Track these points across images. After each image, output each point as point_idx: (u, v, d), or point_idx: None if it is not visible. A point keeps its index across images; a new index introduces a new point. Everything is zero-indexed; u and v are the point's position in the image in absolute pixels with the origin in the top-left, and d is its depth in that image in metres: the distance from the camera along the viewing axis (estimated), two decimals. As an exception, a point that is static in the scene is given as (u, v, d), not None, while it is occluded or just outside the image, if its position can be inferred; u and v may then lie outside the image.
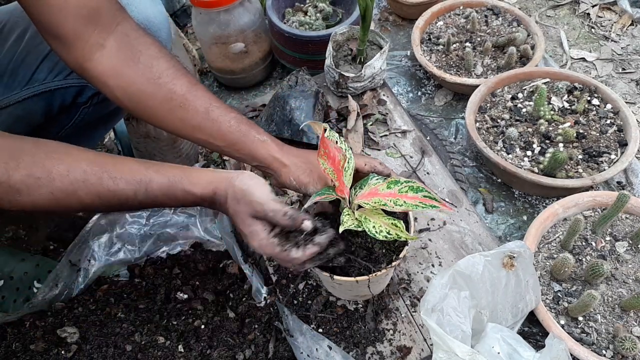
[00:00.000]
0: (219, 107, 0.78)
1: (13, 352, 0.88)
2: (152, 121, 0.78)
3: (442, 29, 1.47)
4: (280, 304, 0.91)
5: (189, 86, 0.76)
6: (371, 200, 0.73)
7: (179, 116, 0.76)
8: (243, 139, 0.78)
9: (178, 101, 0.75)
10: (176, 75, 0.76)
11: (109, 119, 1.07)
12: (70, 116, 0.95)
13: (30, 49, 0.85)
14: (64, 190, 0.62)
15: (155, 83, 0.74)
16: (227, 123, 0.77)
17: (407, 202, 0.71)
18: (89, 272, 0.97)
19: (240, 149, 0.79)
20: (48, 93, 0.87)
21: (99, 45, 0.72)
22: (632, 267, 0.96)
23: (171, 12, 1.67)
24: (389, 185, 0.74)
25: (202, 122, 0.76)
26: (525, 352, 0.75)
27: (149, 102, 0.75)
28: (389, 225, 0.71)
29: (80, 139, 1.06)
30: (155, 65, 0.74)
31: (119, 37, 0.73)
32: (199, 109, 0.76)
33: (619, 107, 1.17)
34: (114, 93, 0.74)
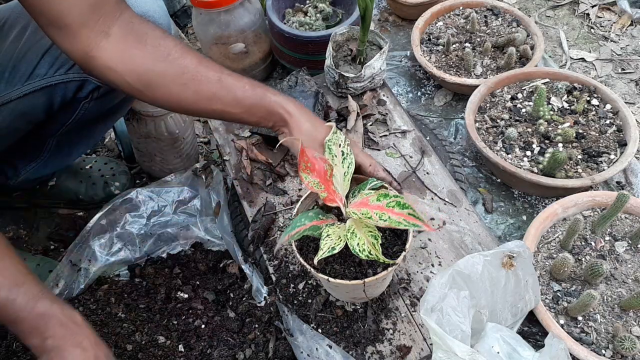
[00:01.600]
0: (231, 74, 0.79)
1: (13, 351, 0.89)
2: (165, 100, 0.78)
3: (441, 30, 1.48)
4: (280, 304, 0.91)
5: (199, 59, 0.77)
6: (359, 211, 0.72)
7: (193, 89, 0.76)
8: (260, 102, 0.80)
9: (190, 74, 0.75)
10: (184, 51, 0.76)
11: (109, 116, 1.07)
12: (71, 112, 0.95)
13: (31, 44, 0.86)
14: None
15: (165, 60, 0.75)
16: (242, 89, 0.78)
17: (391, 217, 0.70)
18: (89, 272, 0.97)
19: (258, 112, 0.80)
20: (49, 88, 0.88)
21: (104, 33, 0.72)
22: (632, 267, 0.96)
23: (171, 12, 1.68)
24: (378, 198, 0.73)
25: (217, 91, 0.77)
26: (525, 351, 0.75)
27: (161, 80, 0.75)
28: (370, 245, 0.70)
29: (81, 136, 1.06)
30: (162, 45, 0.75)
31: (123, 24, 0.74)
32: (212, 78, 0.77)
33: (618, 107, 1.17)
34: (124, 78, 0.74)
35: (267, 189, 1.10)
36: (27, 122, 0.92)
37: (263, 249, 1.00)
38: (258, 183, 1.10)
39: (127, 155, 1.33)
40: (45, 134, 1.01)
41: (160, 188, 1.06)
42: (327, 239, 0.71)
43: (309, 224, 0.73)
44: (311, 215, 0.75)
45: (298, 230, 0.72)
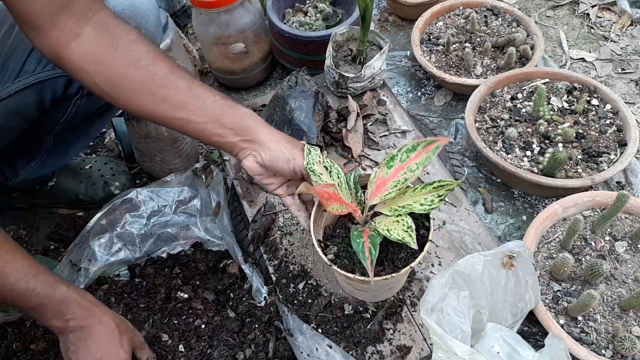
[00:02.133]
0: (202, 85, 0.77)
1: (14, 351, 0.89)
2: (132, 105, 0.76)
3: (441, 30, 1.48)
4: (280, 304, 0.91)
5: (170, 67, 0.75)
6: (387, 192, 0.72)
7: (160, 96, 0.74)
8: (230, 111, 0.77)
9: (159, 82, 0.74)
10: (156, 58, 0.75)
11: (104, 114, 1.07)
12: (64, 110, 0.95)
13: (19, 41, 0.86)
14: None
15: (135, 65, 0.73)
16: (212, 98, 0.76)
17: (417, 162, 0.71)
18: (89, 271, 0.97)
19: (226, 121, 0.76)
20: (38, 84, 0.88)
21: (75, 34, 0.71)
22: (632, 266, 0.96)
23: (171, 12, 1.67)
24: (388, 166, 0.73)
25: (185, 99, 0.75)
26: (525, 351, 0.75)
27: (130, 85, 0.74)
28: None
29: (78, 134, 1.06)
30: (134, 49, 0.74)
31: (96, 25, 0.73)
32: (181, 86, 0.75)
33: (618, 107, 1.17)
34: (93, 80, 0.74)
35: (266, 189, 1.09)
36: (21, 120, 0.92)
37: (263, 249, 1.01)
38: (258, 183, 1.10)
39: (127, 155, 1.33)
40: (41, 133, 1.01)
41: (160, 188, 1.06)
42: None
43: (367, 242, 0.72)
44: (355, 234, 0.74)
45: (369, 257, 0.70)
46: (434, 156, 0.72)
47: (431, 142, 0.72)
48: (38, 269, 0.72)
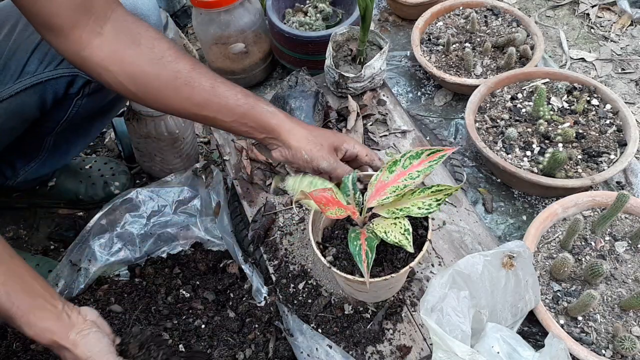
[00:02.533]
0: (224, 82, 0.78)
1: (14, 351, 0.89)
2: (158, 103, 0.77)
3: (441, 30, 1.48)
4: (280, 304, 0.91)
5: (193, 64, 0.76)
6: (385, 197, 0.72)
7: (185, 94, 0.75)
8: (252, 111, 0.78)
9: (183, 79, 0.75)
10: (178, 55, 0.76)
11: (104, 114, 1.07)
12: (65, 110, 0.95)
13: (20, 42, 0.85)
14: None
15: (158, 63, 0.74)
16: (234, 97, 0.77)
17: (419, 170, 0.71)
18: (89, 271, 0.97)
19: (249, 121, 0.79)
20: (40, 85, 0.87)
21: (96, 33, 0.71)
22: (632, 266, 0.96)
23: (171, 12, 1.67)
24: (390, 170, 0.73)
25: (209, 98, 0.76)
26: (525, 351, 0.75)
27: (154, 82, 0.74)
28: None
29: (77, 135, 1.06)
30: (156, 46, 0.74)
31: (116, 23, 0.73)
32: (205, 85, 0.76)
33: (618, 107, 1.17)
34: (117, 79, 0.74)
35: (267, 189, 1.10)
36: (22, 120, 0.92)
37: (263, 249, 1.01)
38: (258, 183, 1.10)
39: (127, 155, 1.33)
40: (42, 133, 1.01)
41: (160, 188, 1.06)
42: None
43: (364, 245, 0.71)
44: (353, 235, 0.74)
45: (365, 260, 0.69)
46: (437, 166, 0.72)
47: (436, 151, 0.72)
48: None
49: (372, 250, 0.69)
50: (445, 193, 0.71)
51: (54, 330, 0.65)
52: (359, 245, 0.69)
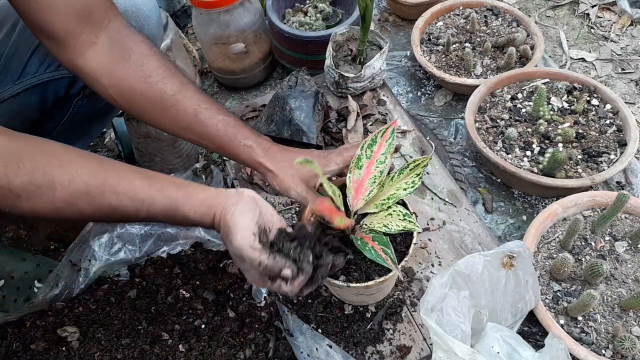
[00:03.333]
0: (208, 109, 0.78)
1: (14, 351, 0.88)
2: (145, 119, 0.79)
3: (441, 30, 1.48)
4: (280, 304, 0.91)
5: (179, 86, 0.76)
6: (367, 192, 0.73)
7: (170, 116, 0.77)
8: (229, 144, 0.80)
9: (169, 101, 0.76)
10: (166, 75, 0.76)
11: (104, 114, 1.07)
12: (65, 110, 0.95)
13: (20, 42, 0.85)
14: (65, 200, 0.61)
15: (146, 82, 0.75)
16: (215, 127, 0.78)
17: (383, 153, 0.74)
18: (89, 271, 0.97)
19: (227, 152, 0.81)
20: (41, 86, 0.88)
21: (90, 42, 0.72)
22: (632, 267, 0.96)
23: (171, 12, 1.67)
24: (358, 166, 0.75)
25: (192, 124, 0.77)
26: (525, 351, 0.75)
27: (141, 100, 0.75)
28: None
29: (78, 135, 1.06)
30: (145, 64, 0.75)
31: (111, 34, 0.73)
32: (188, 110, 0.77)
33: (618, 107, 1.17)
34: (107, 91, 0.75)
35: (267, 189, 1.10)
36: (22, 121, 0.92)
37: (263, 249, 1.00)
38: (258, 183, 1.10)
39: (127, 155, 1.33)
40: (42, 134, 1.00)
41: (160, 188, 1.05)
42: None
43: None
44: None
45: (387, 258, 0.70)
46: (395, 140, 0.75)
47: (386, 130, 0.75)
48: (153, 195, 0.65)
49: (387, 245, 0.70)
50: (422, 165, 0.73)
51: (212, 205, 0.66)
52: (372, 249, 0.69)
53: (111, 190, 0.63)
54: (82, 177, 0.62)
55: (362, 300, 0.89)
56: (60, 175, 0.61)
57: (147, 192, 0.65)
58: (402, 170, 0.75)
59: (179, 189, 0.66)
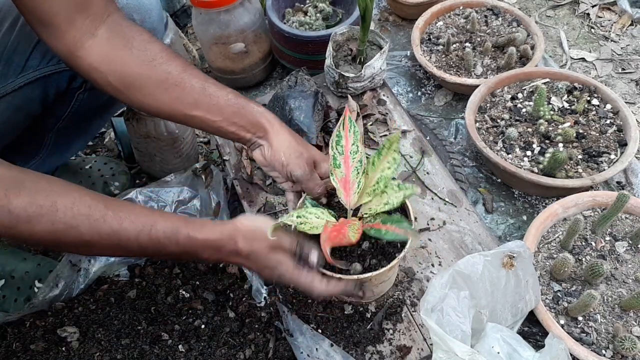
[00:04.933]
0: (215, 84, 0.79)
1: (13, 351, 0.88)
2: (145, 103, 0.78)
3: (442, 29, 1.48)
4: (280, 304, 0.91)
5: (184, 66, 0.77)
6: (356, 184, 0.74)
7: (175, 95, 0.76)
8: (242, 110, 0.79)
9: (173, 80, 0.76)
10: (170, 57, 0.77)
11: (105, 110, 1.07)
12: (66, 104, 0.95)
13: (22, 36, 0.86)
14: (66, 222, 0.61)
15: (149, 65, 0.75)
16: (225, 96, 0.78)
17: (352, 142, 0.75)
18: (89, 272, 0.97)
19: (239, 120, 0.79)
20: (43, 79, 0.88)
21: (90, 34, 0.72)
22: (632, 267, 0.96)
23: (171, 12, 1.67)
24: (336, 165, 0.75)
25: (199, 98, 0.77)
26: (525, 351, 0.75)
27: (144, 83, 0.75)
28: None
29: (78, 132, 1.06)
30: (149, 49, 0.75)
31: (111, 26, 0.74)
32: (195, 85, 0.77)
33: (618, 107, 1.17)
34: (107, 79, 0.75)
35: (267, 189, 1.09)
36: (25, 116, 0.92)
37: (263, 249, 1.00)
38: (258, 183, 1.10)
39: (126, 155, 1.33)
40: (43, 129, 1.01)
41: (160, 188, 1.05)
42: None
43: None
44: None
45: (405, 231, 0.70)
46: (356, 126, 0.76)
47: (343, 119, 0.76)
48: (154, 218, 0.67)
49: (399, 220, 0.71)
50: (395, 141, 0.74)
51: (217, 226, 0.70)
52: (388, 232, 0.70)
53: (113, 214, 0.63)
54: (85, 201, 0.62)
55: (382, 289, 0.90)
56: (63, 197, 0.61)
57: (149, 217, 0.66)
58: (379, 153, 0.75)
59: (180, 217, 0.69)
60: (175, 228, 0.67)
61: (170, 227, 0.67)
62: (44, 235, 0.60)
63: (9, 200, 0.58)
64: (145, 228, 0.65)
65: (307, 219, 0.70)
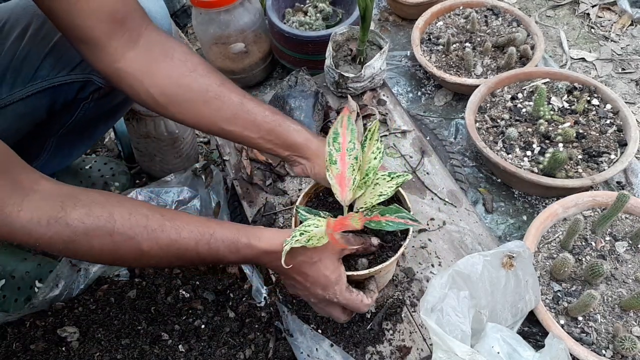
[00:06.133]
0: (252, 100, 0.79)
1: (13, 351, 0.88)
2: (187, 115, 0.78)
3: (442, 29, 1.48)
4: (280, 304, 0.91)
5: (222, 80, 0.78)
6: (351, 180, 0.75)
7: (214, 107, 0.77)
8: (279, 128, 0.79)
9: (214, 93, 0.76)
10: (209, 70, 0.78)
11: (109, 117, 1.07)
12: (71, 112, 0.95)
13: (32, 45, 0.85)
14: (124, 233, 0.60)
15: (190, 76, 0.75)
16: (262, 113, 0.79)
17: (349, 140, 0.76)
18: (89, 272, 0.97)
19: (275, 138, 0.80)
20: (51, 89, 0.87)
21: (130, 46, 0.73)
22: (632, 267, 0.96)
23: (171, 12, 1.67)
24: (332, 162, 0.76)
25: (238, 113, 0.77)
26: (525, 351, 0.75)
27: (185, 95, 0.76)
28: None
29: (82, 137, 1.06)
30: (189, 60, 0.76)
31: (150, 38, 0.75)
32: (234, 100, 0.77)
33: (618, 107, 1.17)
34: (148, 91, 0.75)
35: (267, 189, 1.10)
36: (29, 122, 0.92)
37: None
38: (258, 183, 1.10)
39: (127, 155, 1.33)
40: (45, 135, 1.01)
41: (159, 188, 1.05)
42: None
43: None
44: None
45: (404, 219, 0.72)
46: (354, 124, 0.77)
47: (342, 118, 0.77)
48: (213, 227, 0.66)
49: (397, 210, 0.72)
50: (374, 129, 0.77)
51: (278, 234, 0.69)
52: (388, 223, 0.71)
53: (171, 224, 0.63)
54: (142, 210, 0.62)
55: (385, 280, 0.90)
56: (119, 208, 0.61)
57: (206, 225, 0.66)
58: (362, 145, 0.77)
59: (238, 225, 0.69)
60: (235, 237, 0.67)
61: (230, 237, 0.66)
62: (103, 248, 0.60)
63: (66, 213, 0.57)
64: (204, 237, 0.65)
65: (310, 231, 0.70)
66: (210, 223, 0.67)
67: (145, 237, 0.61)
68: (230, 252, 0.67)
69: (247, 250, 0.68)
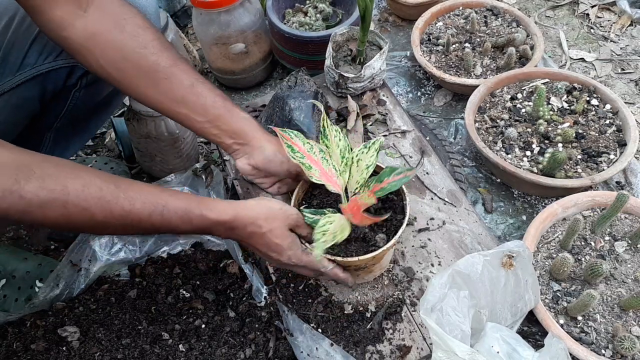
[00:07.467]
0: (204, 83, 0.78)
1: (14, 351, 0.89)
2: (134, 92, 0.77)
3: (441, 30, 1.48)
4: (280, 304, 0.91)
5: (174, 60, 0.76)
6: (332, 169, 0.78)
7: (163, 88, 0.76)
8: (227, 115, 0.79)
9: (163, 73, 0.75)
10: (162, 48, 0.76)
11: (102, 109, 1.07)
12: (63, 102, 0.95)
13: (18, 34, 0.85)
14: (78, 205, 0.61)
15: (140, 53, 0.74)
16: (212, 98, 0.78)
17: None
18: (89, 272, 0.97)
19: (222, 124, 0.79)
20: (40, 77, 0.87)
21: (78, 14, 0.71)
22: (631, 266, 0.96)
23: (171, 12, 1.68)
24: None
25: (186, 96, 0.77)
26: (525, 351, 0.75)
27: (134, 72, 0.74)
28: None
29: (77, 130, 1.06)
30: (141, 35, 0.74)
31: (101, 5, 0.73)
32: (184, 82, 0.76)
33: (618, 107, 1.17)
34: (98, 61, 0.74)
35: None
36: (24, 114, 0.92)
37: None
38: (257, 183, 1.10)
39: (127, 155, 1.33)
40: (41, 128, 1.01)
41: (160, 188, 1.06)
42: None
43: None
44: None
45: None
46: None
47: (283, 133, 0.79)
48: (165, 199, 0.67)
49: (391, 170, 0.76)
50: (324, 118, 0.81)
51: (231, 206, 0.72)
52: (391, 184, 0.75)
53: (125, 195, 0.63)
54: (95, 183, 0.62)
55: (385, 263, 0.92)
56: (73, 180, 0.61)
57: (159, 196, 0.66)
58: (324, 135, 0.81)
59: (192, 196, 0.71)
60: (187, 208, 0.68)
61: (183, 207, 0.67)
62: (58, 218, 0.61)
63: (20, 185, 0.57)
64: (157, 209, 0.65)
65: (329, 229, 0.72)
66: (163, 194, 0.67)
67: (100, 209, 0.62)
68: (183, 223, 0.68)
69: (199, 221, 0.68)
